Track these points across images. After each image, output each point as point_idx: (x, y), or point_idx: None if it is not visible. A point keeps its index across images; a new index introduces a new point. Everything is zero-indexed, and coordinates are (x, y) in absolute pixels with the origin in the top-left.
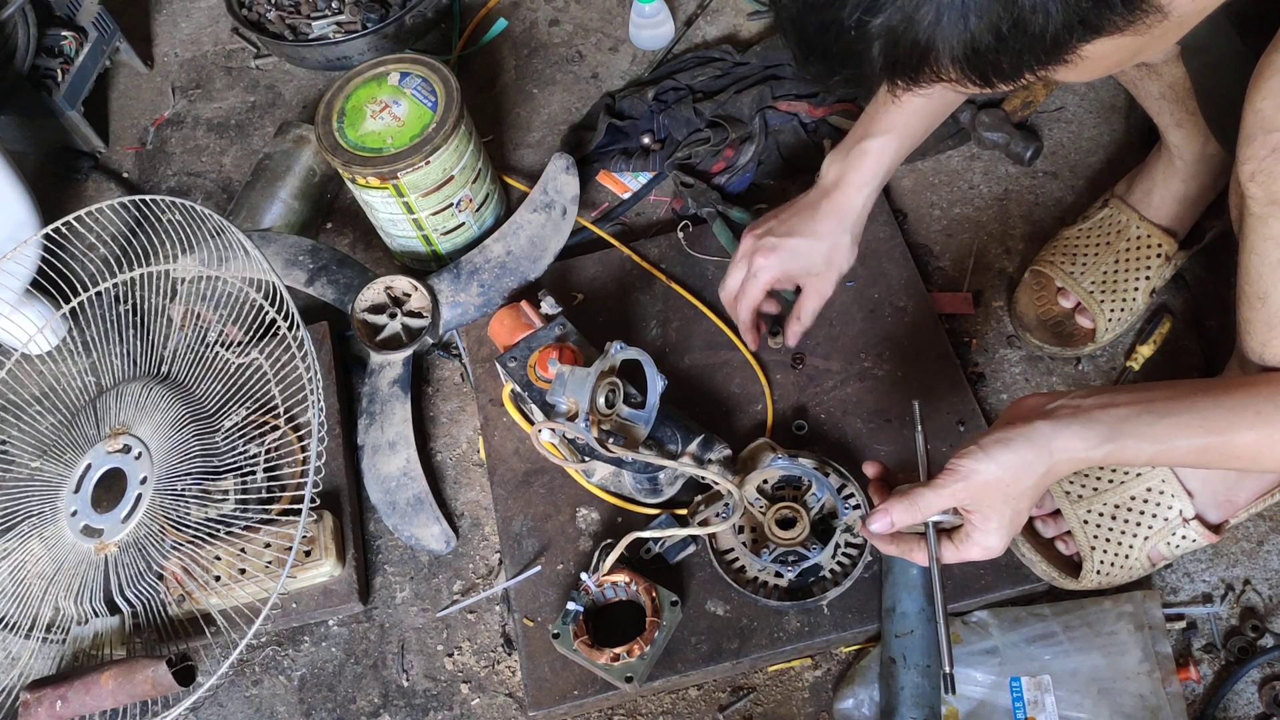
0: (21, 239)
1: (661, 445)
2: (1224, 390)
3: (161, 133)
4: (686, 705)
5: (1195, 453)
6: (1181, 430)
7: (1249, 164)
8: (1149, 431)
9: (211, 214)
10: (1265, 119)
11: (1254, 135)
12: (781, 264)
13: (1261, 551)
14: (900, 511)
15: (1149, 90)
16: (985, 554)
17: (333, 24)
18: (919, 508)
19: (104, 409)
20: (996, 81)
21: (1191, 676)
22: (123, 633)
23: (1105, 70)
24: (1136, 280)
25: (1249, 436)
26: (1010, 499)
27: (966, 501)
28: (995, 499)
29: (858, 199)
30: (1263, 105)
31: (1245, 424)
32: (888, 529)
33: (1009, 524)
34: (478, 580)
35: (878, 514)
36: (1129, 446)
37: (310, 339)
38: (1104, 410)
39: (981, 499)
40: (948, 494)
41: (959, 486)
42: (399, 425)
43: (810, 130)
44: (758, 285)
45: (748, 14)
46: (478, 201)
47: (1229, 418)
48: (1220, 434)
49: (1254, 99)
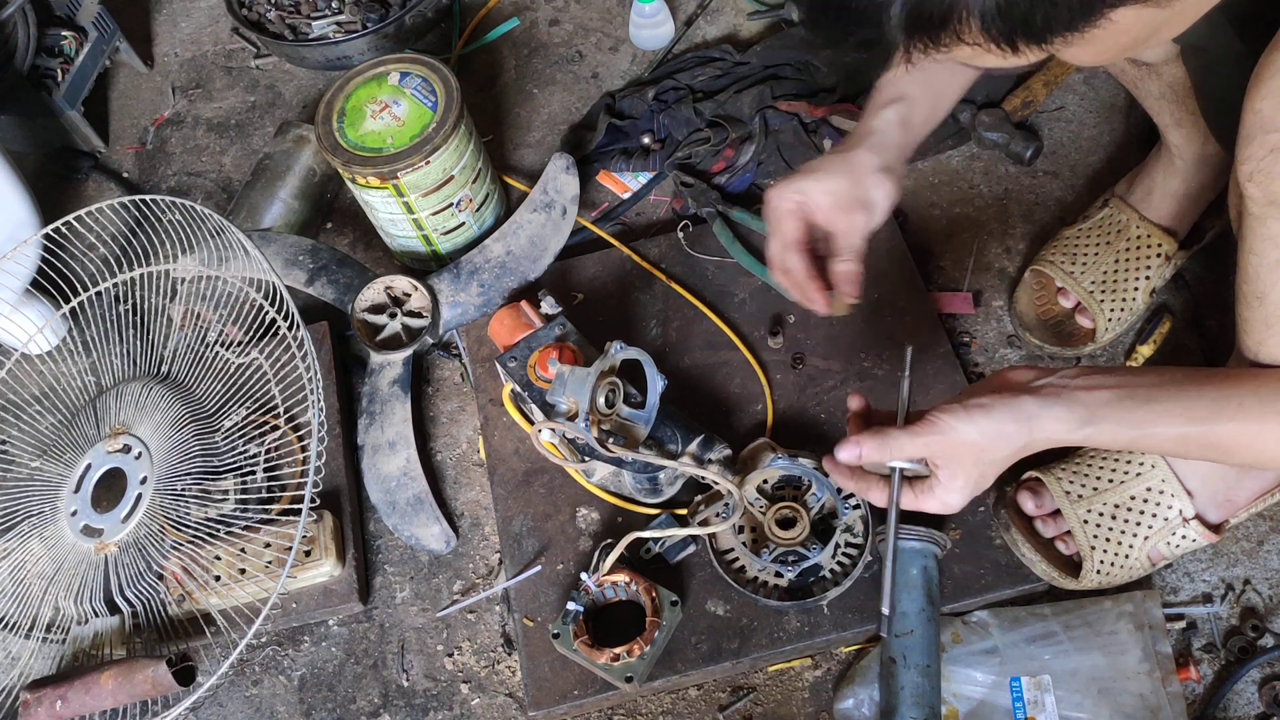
0: (21, 239)
1: (661, 445)
2: (1209, 381)
3: (161, 133)
4: (686, 705)
5: (1174, 441)
6: (1163, 418)
7: (1247, 164)
8: (1130, 417)
9: (211, 214)
10: (1264, 119)
11: (1253, 135)
12: (803, 192)
13: (1261, 551)
14: (871, 447)
15: (1149, 90)
16: (942, 509)
17: (333, 24)
18: (890, 448)
19: (104, 409)
20: (1021, 44)
21: (1191, 676)
22: (123, 633)
23: (1121, 49)
24: (1136, 280)
25: (1228, 428)
26: (980, 464)
27: (938, 455)
28: (966, 460)
29: (883, 127)
30: (1261, 106)
31: (1226, 415)
32: (854, 460)
33: (973, 486)
34: (478, 580)
35: (847, 444)
36: (1108, 430)
37: (310, 339)
38: (1088, 392)
39: (953, 456)
40: (921, 443)
41: (935, 439)
42: (399, 425)
43: (810, 130)
44: (788, 221)
45: (748, 14)
46: (478, 201)
47: (1211, 408)
48: (1201, 424)
49: (1253, 99)
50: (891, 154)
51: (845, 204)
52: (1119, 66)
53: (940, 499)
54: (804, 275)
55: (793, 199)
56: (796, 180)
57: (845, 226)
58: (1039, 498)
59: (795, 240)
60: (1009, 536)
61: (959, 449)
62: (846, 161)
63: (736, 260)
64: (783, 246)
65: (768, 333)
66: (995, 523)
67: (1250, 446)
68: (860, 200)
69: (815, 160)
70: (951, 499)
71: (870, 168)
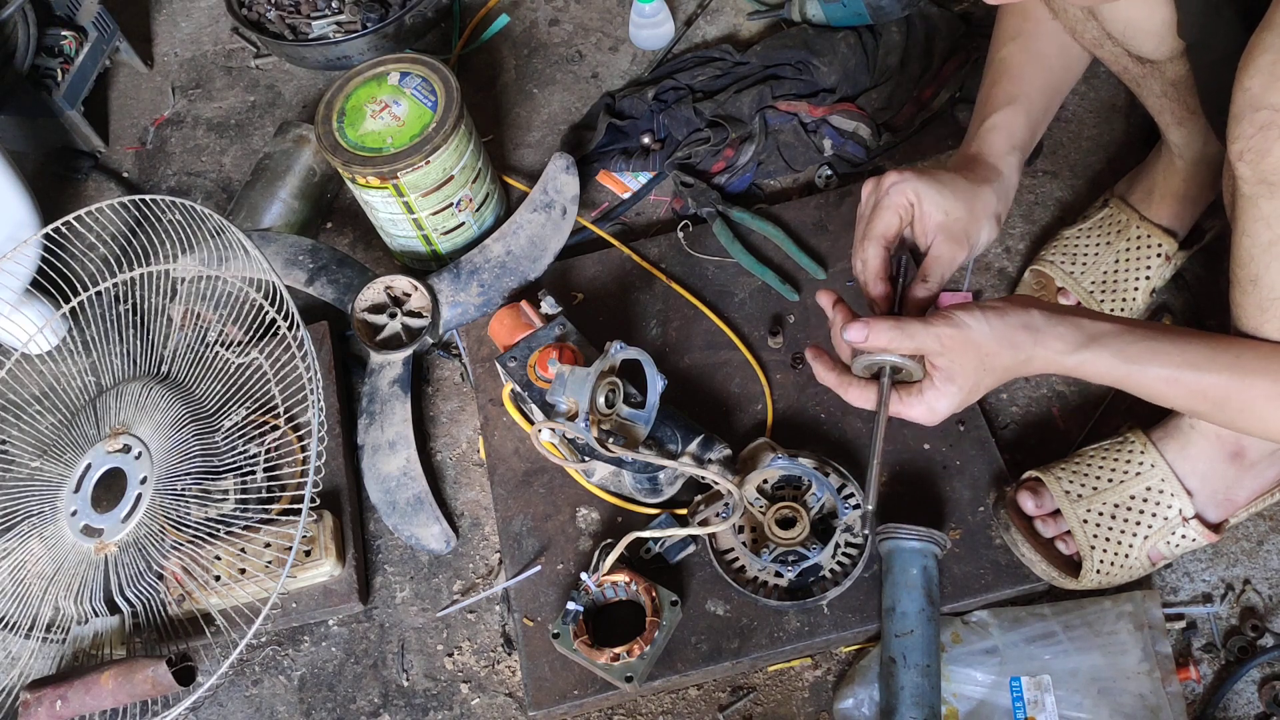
0: (21, 239)
1: (661, 445)
2: (1210, 336)
3: (161, 132)
4: (686, 705)
5: (1164, 382)
6: (1157, 356)
7: (1238, 143)
8: (1127, 350)
9: (211, 214)
10: (1253, 97)
11: (1242, 114)
12: (916, 191)
13: (1261, 551)
14: (882, 329)
15: (1151, 88)
16: (928, 416)
17: (333, 24)
18: (904, 332)
19: (104, 409)
20: None
21: (1191, 676)
22: (123, 633)
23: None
24: (1136, 280)
25: (1220, 379)
26: (979, 370)
27: (947, 350)
28: (969, 360)
29: (1001, 163)
30: (1251, 84)
31: (1221, 365)
32: (859, 341)
33: (964, 394)
34: (478, 580)
35: (857, 324)
36: (1104, 360)
37: (310, 339)
38: (1092, 321)
39: (958, 353)
40: (934, 334)
41: (947, 331)
42: (399, 425)
43: (810, 130)
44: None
45: (748, 14)
46: (478, 201)
47: (1207, 355)
48: (1193, 370)
49: (1242, 79)
50: (1007, 201)
51: (955, 233)
52: (1121, 64)
53: (929, 404)
54: (878, 273)
55: (908, 198)
56: (918, 181)
57: (945, 254)
58: (1039, 497)
59: (887, 235)
60: (1009, 536)
61: (967, 346)
62: (974, 192)
63: (736, 260)
64: (872, 238)
65: (768, 333)
66: (995, 523)
67: (1238, 400)
68: (968, 235)
69: (940, 170)
70: (940, 404)
71: (988, 210)
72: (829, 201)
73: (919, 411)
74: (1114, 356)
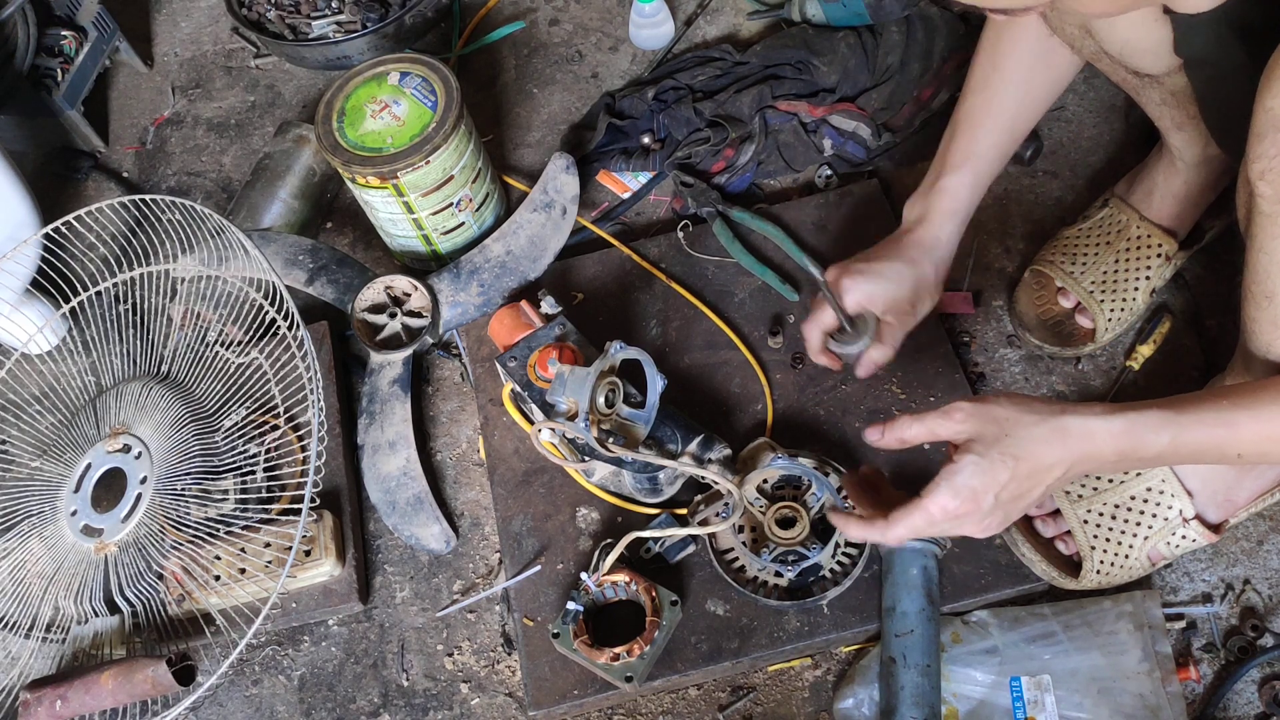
0: (21, 239)
1: (661, 445)
2: (1238, 389)
3: (161, 132)
4: (686, 705)
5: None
6: (1203, 403)
7: (1259, 162)
8: (1171, 404)
9: (211, 214)
10: (1275, 117)
11: (1264, 133)
12: (869, 285)
13: (1261, 551)
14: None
15: (1150, 97)
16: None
17: (333, 23)
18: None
19: (104, 409)
20: None
21: (1191, 676)
22: (123, 632)
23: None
24: (1136, 280)
25: (1252, 429)
26: (1004, 440)
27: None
28: (989, 432)
29: (941, 233)
30: (1273, 104)
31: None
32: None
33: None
34: (478, 580)
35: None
36: (1151, 415)
37: (310, 339)
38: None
39: (984, 419)
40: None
41: (964, 406)
42: (399, 425)
43: (810, 130)
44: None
45: (748, 14)
46: (478, 201)
47: (1248, 398)
48: (1230, 426)
49: (1264, 98)
50: (946, 267)
51: (899, 311)
52: (1120, 76)
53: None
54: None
55: (858, 299)
56: (863, 281)
57: (896, 324)
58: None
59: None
60: (1009, 536)
61: (988, 415)
62: (914, 275)
63: (736, 260)
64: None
65: (768, 333)
66: None
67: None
68: (913, 308)
69: (881, 260)
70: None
71: (930, 284)
72: (829, 201)
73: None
74: (1162, 409)
